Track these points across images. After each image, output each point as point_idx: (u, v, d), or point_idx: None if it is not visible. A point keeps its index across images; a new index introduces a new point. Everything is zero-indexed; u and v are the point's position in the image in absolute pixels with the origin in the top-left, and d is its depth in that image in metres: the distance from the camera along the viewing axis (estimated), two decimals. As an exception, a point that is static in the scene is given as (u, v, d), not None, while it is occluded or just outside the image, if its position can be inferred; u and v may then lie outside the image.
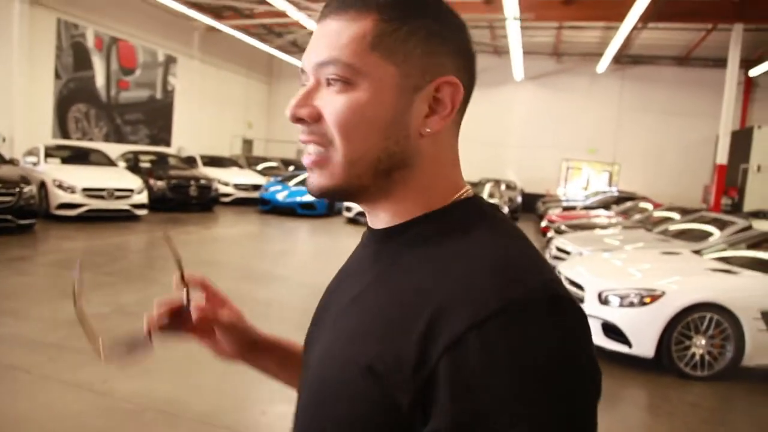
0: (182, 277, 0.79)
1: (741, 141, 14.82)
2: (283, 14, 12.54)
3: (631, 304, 4.59)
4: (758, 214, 11.80)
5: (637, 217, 10.79)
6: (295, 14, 12.05)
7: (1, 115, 11.63)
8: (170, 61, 17.07)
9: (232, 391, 3.65)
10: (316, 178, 0.64)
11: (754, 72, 15.99)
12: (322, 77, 0.63)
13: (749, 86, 17.54)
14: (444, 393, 0.50)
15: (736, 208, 14.30)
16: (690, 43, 16.35)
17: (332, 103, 0.61)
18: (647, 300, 4.53)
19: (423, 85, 0.62)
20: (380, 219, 0.67)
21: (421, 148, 0.63)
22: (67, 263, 6.68)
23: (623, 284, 4.76)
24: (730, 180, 14.85)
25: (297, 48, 20.03)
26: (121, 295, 5.43)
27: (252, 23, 15.44)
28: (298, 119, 0.64)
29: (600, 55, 16.18)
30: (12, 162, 9.60)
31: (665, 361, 4.52)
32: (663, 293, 4.55)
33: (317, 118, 0.62)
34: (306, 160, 0.65)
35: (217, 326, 0.82)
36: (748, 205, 14.31)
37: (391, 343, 0.55)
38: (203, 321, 0.80)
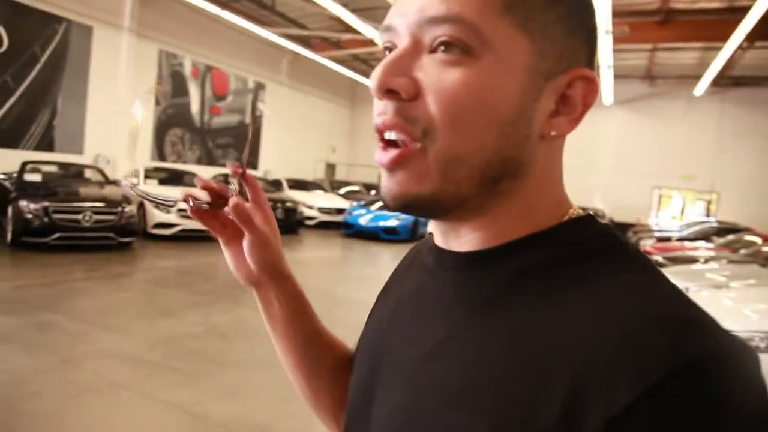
0: (242, 166, 0.68)
1: None
2: (370, 43, 12.75)
3: (757, 349, 4.14)
4: None
5: (745, 251, 9.97)
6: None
7: (106, 140, 12.46)
8: (259, 87, 17.80)
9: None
10: (398, 183, 0.47)
11: None
12: (427, 39, 0.46)
13: None
14: None
15: None
16: (800, 63, 15.19)
17: (440, 77, 0.45)
18: (775, 343, 4.08)
19: (556, 74, 0.47)
20: (466, 240, 0.51)
21: (537, 155, 0.49)
22: (162, 281, 6.95)
23: (745, 326, 4.32)
24: None
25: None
26: (214, 316, 5.54)
27: (341, 54, 15.83)
28: (387, 91, 0.46)
29: (698, 77, 15.32)
30: (115, 183, 10.23)
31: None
32: (793, 336, 4.08)
33: (415, 94, 0.46)
34: (383, 156, 0.48)
35: (250, 233, 0.66)
36: None
37: (511, 419, 0.40)
38: (243, 218, 0.65)
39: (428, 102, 0.46)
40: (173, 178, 11.75)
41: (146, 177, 11.14)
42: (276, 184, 15.13)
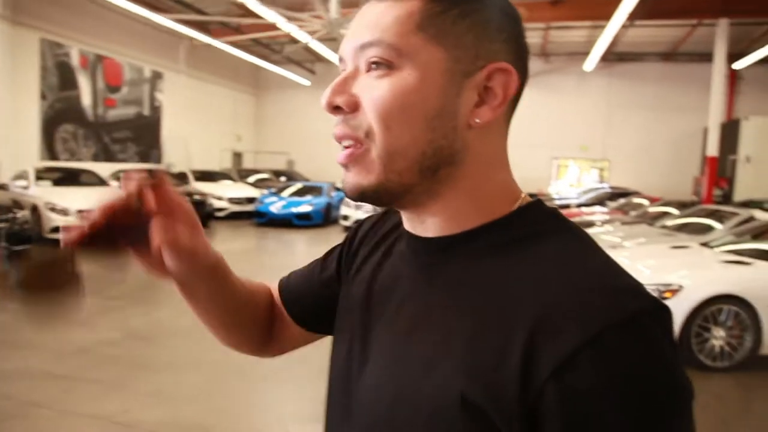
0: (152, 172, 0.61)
1: (729, 133, 15.00)
2: (273, 27, 12.46)
3: (650, 301, 4.56)
4: (749, 204, 11.93)
5: (635, 213, 10.84)
6: (285, 26, 11.96)
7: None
8: (156, 77, 16.95)
9: (257, 413, 3.57)
10: (352, 177, 0.57)
11: (738, 65, 16.17)
12: (362, 62, 0.56)
13: (734, 79, 17.76)
14: (553, 426, 0.45)
15: (726, 199, 14.45)
16: (676, 39, 16.54)
17: (372, 89, 0.55)
18: (666, 295, 4.51)
19: (473, 71, 0.55)
20: (429, 226, 0.59)
21: (469, 143, 0.56)
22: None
23: (642, 280, 4.72)
24: (720, 171, 15.00)
25: (285, 59, 19.98)
26: (130, 320, 5.32)
27: (242, 38, 15.35)
28: (334, 108, 0.57)
29: (587, 53, 16.30)
30: (2, 187, 9.44)
31: (686, 354, 4.50)
32: (681, 287, 4.54)
33: (355, 107, 0.56)
34: (340, 157, 0.58)
35: (172, 249, 0.63)
36: (739, 195, 14.48)
37: (483, 369, 0.49)
38: (170, 204, 0.62)
39: (366, 110, 0.55)
40: (68, 177, 11.00)
41: (38, 178, 10.33)
42: (181, 177, 14.57)
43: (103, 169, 12.78)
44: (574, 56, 18.18)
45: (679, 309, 4.50)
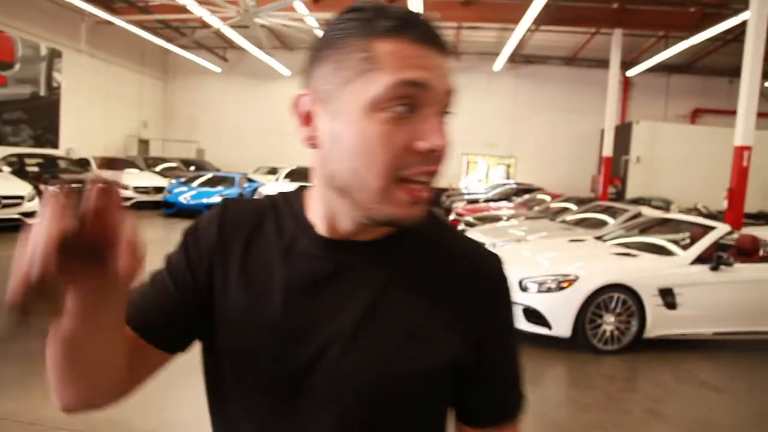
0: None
1: (622, 135, 16.19)
2: (183, 9, 11.99)
3: (549, 290, 4.92)
4: (639, 201, 13.00)
5: (538, 208, 11.48)
6: (196, 9, 11.55)
7: None
8: (55, 55, 15.81)
9: (177, 405, 3.51)
10: (421, 211, 0.66)
11: (631, 72, 17.49)
12: (443, 107, 0.65)
13: (627, 85, 19.18)
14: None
15: (620, 196, 15.61)
16: (576, 45, 17.60)
17: (447, 138, 0.64)
18: (564, 284, 4.88)
19: None
20: (376, 232, 0.70)
21: None
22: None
23: (540, 271, 5.09)
24: (614, 170, 16.19)
25: (196, 44, 19.25)
26: (28, 311, 5.00)
27: (149, 18, 14.61)
28: (438, 151, 0.63)
29: (496, 54, 16.99)
30: None
31: (581, 339, 4.90)
32: (577, 277, 4.93)
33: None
34: (420, 193, 0.64)
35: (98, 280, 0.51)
36: (630, 193, 15.69)
37: (444, 327, 0.69)
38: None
39: (442, 155, 0.65)
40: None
41: None
42: (83, 164, 13.73)
43: (-8, 152, 11.80)
44: (484, 56, 18.88)
45: (576, 297, 4.88)
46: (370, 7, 0.62)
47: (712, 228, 5.52)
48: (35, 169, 11.99)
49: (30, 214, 9.43)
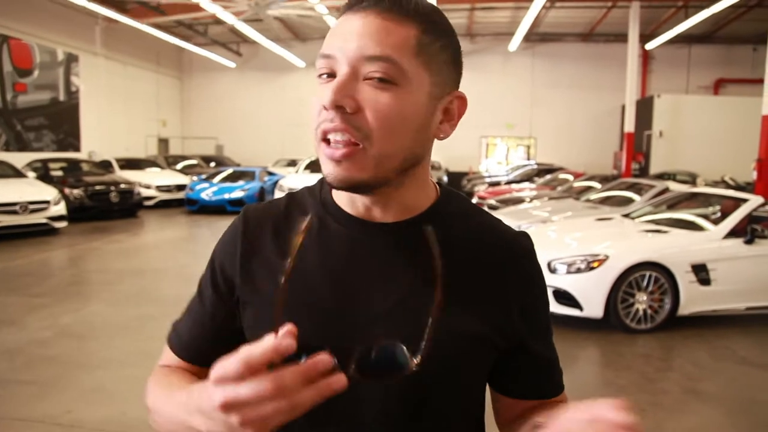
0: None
1: (643, 109, 15.86)
2: (196, 7, 12.00)
3: (579, 270, 4.84)
4: (663, 176, 12.74)
5: (561, 188, 11.33)
6: (209, 6, 11.54)
7: None
8: (71, 59, 15.97)
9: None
10: (343, 171, 0.65)
11: (650, 45, 17.08)
12: (364, 71, 0.63)
13: (646, 59, 18.75)
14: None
15: (643, 172, 15.34)
16: (593, 20, 17.24)
17: (376, 99, 0.63)
18: (594, 264, 4.80)
19: (443, 95, 0.70)
20: (391, 211, 0.72)
21: (428, 149, 0.72)
22: (-11, 286, 6.17)
23: (568, 252, 5.01)
24: (636, 146, 15.88)
25: (210, 41, 19.29)
26: (60, 317, 5.08)
27: (164, 20, 14.66)
28: (337, 107, 0.63)
29: (511, 34, 16.73)
30: None
31: (613, 320, 4.83)
32: (607, 257, 4.84)
33: (356, 110, 0.63)
34: (333, 152, 0.64)
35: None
36: (654, 168, 15.40)
37: (489, 303, 0.73)
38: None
39: (367, 116, 0.63)
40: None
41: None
42: (105, 166, 13.89)
43: (17, 159, 11.96)
44: (499, 37, 18.61)
45: (606, 277, 4.80)
46: None
47: (743, 200, 5.37)
48: (59, 173, 12.18)
49: (57, 218, 9.57)
